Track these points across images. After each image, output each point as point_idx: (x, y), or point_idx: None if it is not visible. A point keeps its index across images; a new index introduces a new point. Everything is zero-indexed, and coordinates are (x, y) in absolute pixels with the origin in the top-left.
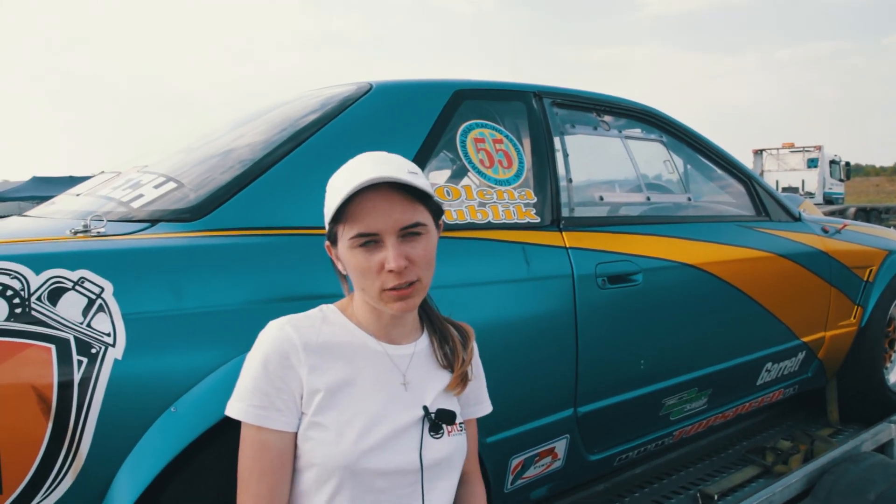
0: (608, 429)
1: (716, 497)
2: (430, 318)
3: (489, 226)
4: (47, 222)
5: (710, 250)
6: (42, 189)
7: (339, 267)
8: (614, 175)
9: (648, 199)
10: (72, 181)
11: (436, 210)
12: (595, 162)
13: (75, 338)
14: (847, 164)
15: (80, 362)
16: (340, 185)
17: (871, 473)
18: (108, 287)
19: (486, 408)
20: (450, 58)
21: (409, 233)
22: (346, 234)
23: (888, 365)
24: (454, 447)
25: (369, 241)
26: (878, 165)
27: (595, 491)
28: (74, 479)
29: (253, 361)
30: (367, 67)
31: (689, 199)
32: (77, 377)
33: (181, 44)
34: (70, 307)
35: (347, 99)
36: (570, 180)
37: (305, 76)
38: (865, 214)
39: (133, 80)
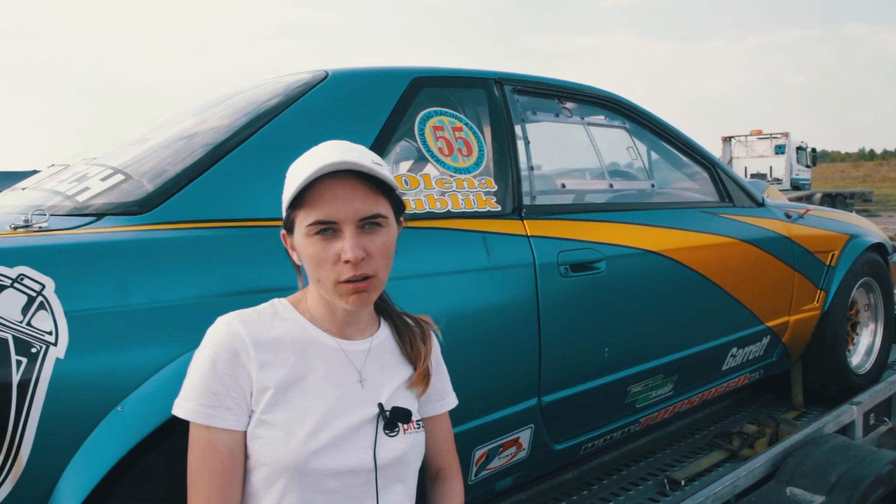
0: (573, 418)
1: (683, 482)
2: (388, 312)
3: (449, 215)
4: None
5: (673, 237)
6: None
7: (294, 258)
8: (577, 162)
9: (611, 186)
10: (21, 175)
11: (397, 205)
12: (557, 149)
13: (14, 337)
14: (813, 150)
15: (18, 363)
16: (301, 170)
17: (832, 455)
18: (50, 284)
19: (450, 402)
20: (417, 48)
21: (368, 223)
22: (303, 221)
23: (850, 348)
24: (409, 445)
25: (327, 230)
26: (843, 151)
27: (563, 479)
28: (14, 484)
29: (201, 359)
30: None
31: (653, 186)
32: (16, 378)
33: (139, 30)
34: (8, 305)
35: (302, 88)
36: (531, 168)
37: (271, 66)
38: (831, 200)
39: (86, 69)
